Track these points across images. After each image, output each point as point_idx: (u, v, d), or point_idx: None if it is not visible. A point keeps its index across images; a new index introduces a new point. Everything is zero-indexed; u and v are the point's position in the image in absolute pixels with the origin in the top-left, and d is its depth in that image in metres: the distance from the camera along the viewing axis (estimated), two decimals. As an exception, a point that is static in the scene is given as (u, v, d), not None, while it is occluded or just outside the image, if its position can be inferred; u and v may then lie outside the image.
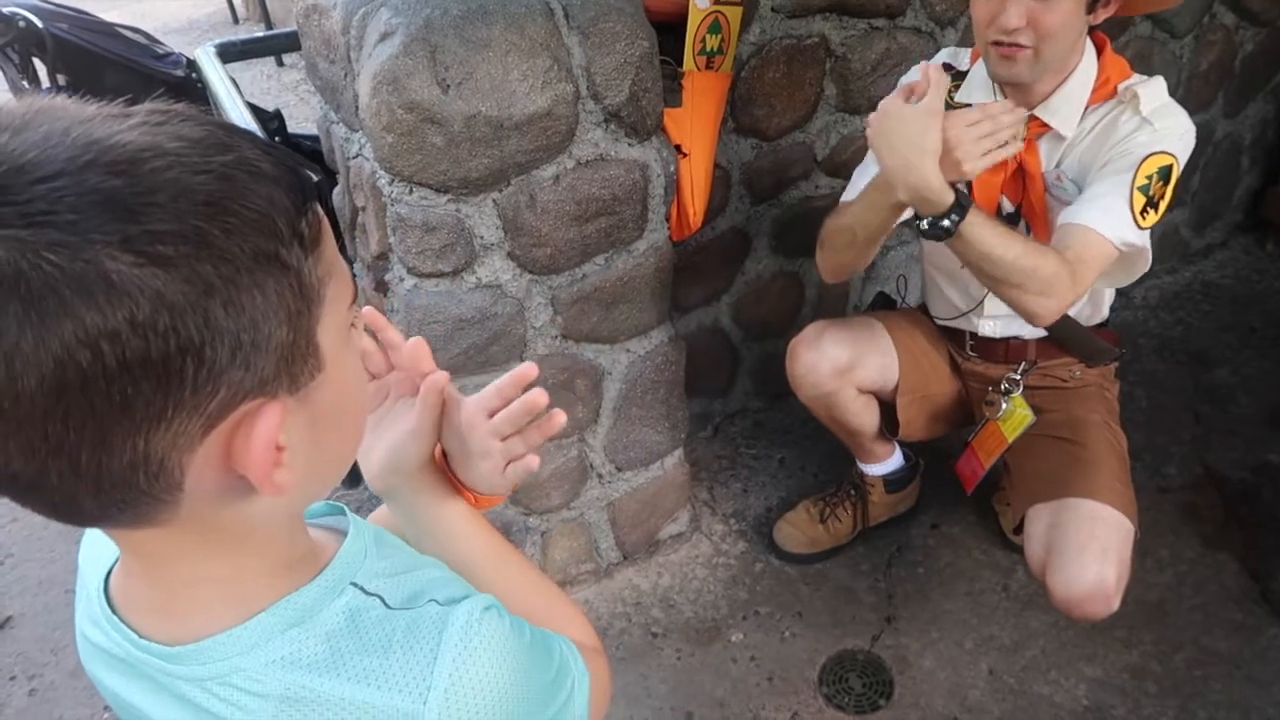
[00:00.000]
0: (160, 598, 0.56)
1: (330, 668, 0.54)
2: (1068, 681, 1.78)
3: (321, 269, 0.49)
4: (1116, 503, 1.51)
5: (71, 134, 0.42)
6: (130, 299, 0.40)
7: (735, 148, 2.04)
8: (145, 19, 5.67)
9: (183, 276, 0.41)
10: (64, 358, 0.40)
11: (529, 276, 1.62)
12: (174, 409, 0.43)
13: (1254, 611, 1.87)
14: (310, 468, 0.53)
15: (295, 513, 0.59)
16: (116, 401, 0.42)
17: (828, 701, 1.78)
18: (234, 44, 2.31)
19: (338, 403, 0.53)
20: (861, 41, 2.03)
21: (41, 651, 2.05)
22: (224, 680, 0.54)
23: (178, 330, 0.42)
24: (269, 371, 0.46)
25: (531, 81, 1.42)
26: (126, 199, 0.41)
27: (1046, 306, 1.39)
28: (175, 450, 0.45)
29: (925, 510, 2.15)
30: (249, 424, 0.47)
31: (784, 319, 2.37)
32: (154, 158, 0.42)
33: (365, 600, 0.58)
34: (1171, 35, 2.49)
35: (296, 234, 0.46)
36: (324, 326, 0.50)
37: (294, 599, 0.56)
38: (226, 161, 0.44)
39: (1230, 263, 2.97)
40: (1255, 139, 2.89)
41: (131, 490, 0.46)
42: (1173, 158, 1.39)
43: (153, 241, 0.41)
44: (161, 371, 0.42)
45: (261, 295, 0.44)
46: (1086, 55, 1.46)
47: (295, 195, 0.47)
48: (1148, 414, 2.36)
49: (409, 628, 0.57)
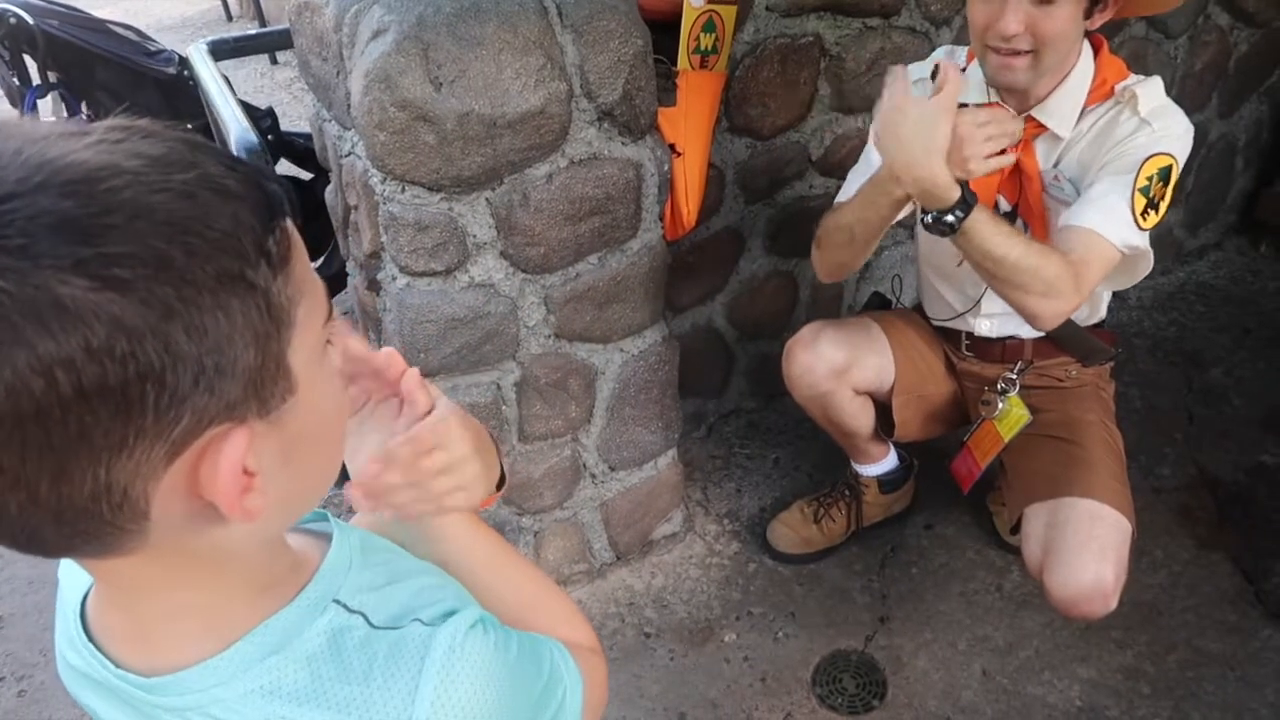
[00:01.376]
0: (135, 628, 0.55)
1: (310, 697, 0.53)
2: (1061, 682, 1.78)
3: (291, 288, 0.47)
4: (1115, 502, 1.51)
5: (24, 154, 0.40)
6: (85, 324, 0.39)
7: (729, 147, 2.03)
8: (138, 16, 5.65)
9: (140, 300, 0.40)
10: (16, 386, 0.38)
11: (522, 275, 1.61)
12: (135, 437, 0.42)
13: (1247, 613, 1.87)
14: (285, 492, 0.51)
15: (272, 536, 0.57)
16: (74, 430, 0.40)
17: (821, 702, 1.77)
18: (226, 41, 2.30)
19: (312, 425, 0.52)
20: (856, 41, 2.03)
21: (31, 652, 2.04)
22: (202, 711, 0.53)
23: (136, 356, 0.40)
24: (235, 396, 0.45)
25: (525, 80, 1.41)
26: (80, 221, 0.39)
27: (1050, 309, 1.39)
28: (139, 479, 0.44)
29: (919, 511, 2.15)
30: (215, 450, 0.45)
31: (778, 319, 2.36)
32: (110, 177, 0.41)
33: (348, 619, 0.56)
34: (1166, 35, 2.49)
35: (264, 253, 0.45)
36: (295, 348, 0.48)
37: (273, 623, 0.54)
38: (188, 179, 0.43)
39: (1224, 263, 2.97)
40: (1250, 140, 2.89)
41: (95, 521, 0.44)
42: (1172, 159, 1.39)
43: (108, 265, 0.39)
44: (120, 399, 0.40)
45: (226, 318, 0.43)
46: (1084, 56, 1.46)
47: (262, 212, 0.45)
48: (1141, 414, 2.36)
49: (391, 651, 0.55)
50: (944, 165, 1.30)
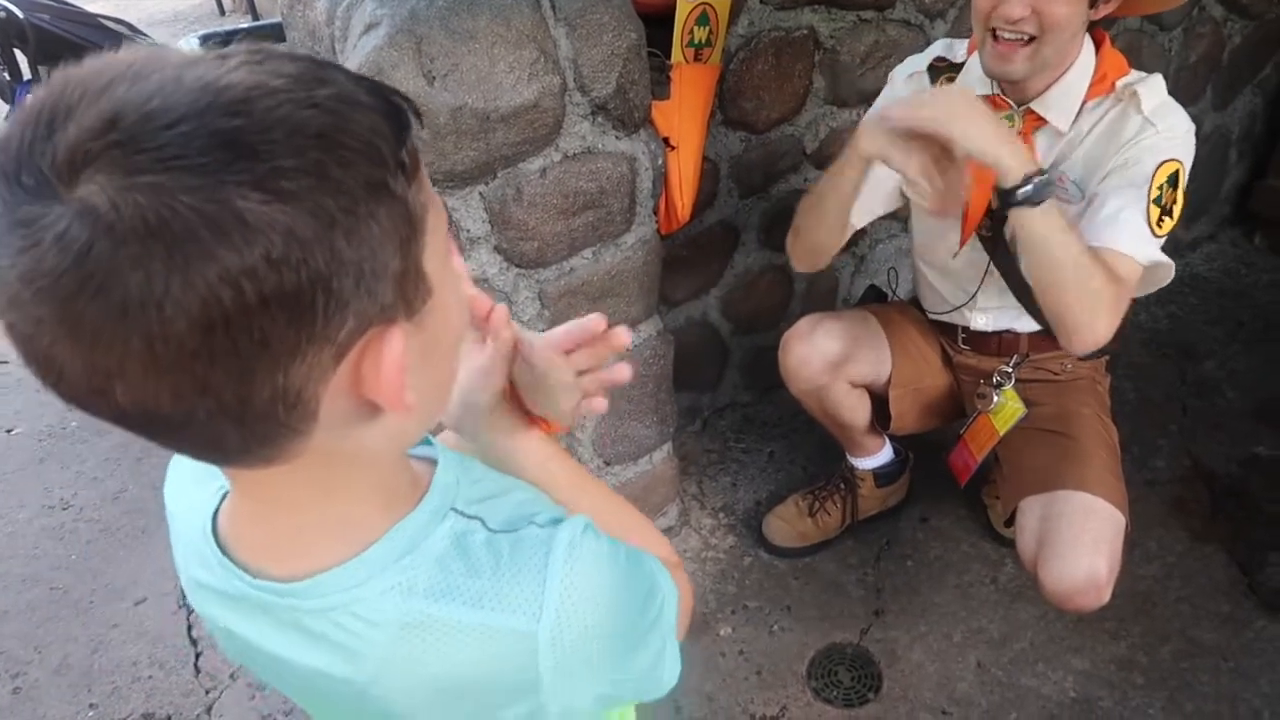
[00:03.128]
0: (275, 537, 0.58)
1: (445, 592, 0.56)
2: (1055, 674, 1.78)
3: (424, 196, 0.50)
4: (1108, 495, 1.51)
5: (185, 79, 0.42)
6: (264, 236, 0.41)
7: (724, 140, 2.03)
8: (129, 10, 5.62)
9: (308, 210, 0.42)
10: (209, 299, 0.41)
11: (516, 270, 1.61)
12: (308, 341, 0.45)
13: (1241, 604, 1.88)
14: (424, 391, 0.54)
15: (407, 441, 0.60)
16: (257, 337, 0.43)
17: (816, 695, 1.78)
18: (218, 35, 2.30)
19: (444, 326, 0.55)
20: (850, 34, 2.03)
21: (25, 649, 2.03)
22: (346, 609, 0.56)
23: (308, 263, 0.42)
24: (388, 298, 0.48)
25: (518, 73, 1.40)
26: (249, 138, 0.41)
27: (1091, 323, 1.34)
28: (311, 381, 0.46)
29: (914, 504, 2.15)
30: (375, 349, 0.48)
31: (773, 313, 2.36)
32: (264, 96, 0.43)
33: (467, 524, 0.60)
34: (1161, 28, 2.49)
35: (399, 163, 0.47)
36: (428, 253, 0.51)
37: (402, 527, 0.58)
38: (329, 95, 0.45)
39: (1218, 256, 2.98)
40: (1244, 133, 2.90)
41: (272, 423, 0.47)
42: (1179, 163, 1.39)
43: (277, 178, 0.41)
44: (295, 305, 0.43)
45: (377, 225, 0.45)
46: (1085, 49, 1.45)
47: (394, 123, 0.47)
48: (1135, 407, 2.36)
49: (514, 549, 0.59)
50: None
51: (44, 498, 2.49)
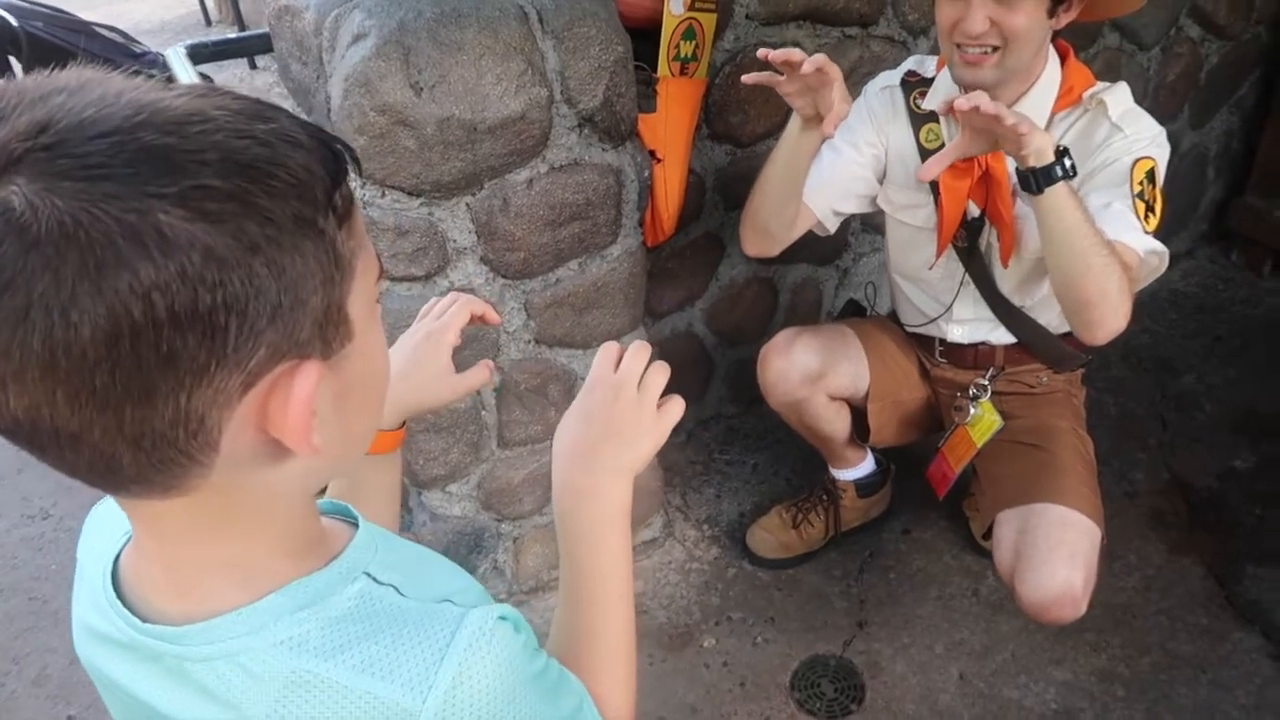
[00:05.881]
0: (173, 578, 0.56)
1: (334, 653, 0.54)
2: (1037, 685, 1.79)
3: (353, 241, 0.51)
4: (1084, 508, 1.52)
5: (124, 97, 0.43)
6: (183, 252, 0.41)
7: (709, 154, 2.04)
8: (117, 20, 5.59)
9: (230, 232, 0.43)
10: (118, 308, 0.41)
11: (502, 281, 1.61)
12: (216, 365, 0.44)
13: (1219, 616, 1.90)
14: (334, 438, 0.53)
15: (314, 487, 0.59)
16: (163, 353, 0.42)
17: (800, 707, 1.78)
18: (206, 45, 2.28)
19: (363, 374, 0.55)
20: (835, 50, 2.05)
21: (3, 660, 2.01)
22: (231, 659, 0.54)
23: (224, 284, 0.43)
24: (305, 334, 0.48)
25: (505, 85, 1.41)
26: (180, 156, 0.42)
27: (1116, 310, 1.34)
28: (215, 408, 0.46)
29: (897, 515, 2.16)
30: (285, 384, 0.48)
31: (758, 325, 2.37)
32: (201, 121, 0.44)
33: (379, 589, 0.58)
34: (1139, 47, 2.53)
35: (331, 204, 0.48)
36: (353, 298, 0.51)
37: (308, 581, 0.56)
38: (267, 130, 0.46)
39: (1196, 272, 3.01)
40: (1220, 150, 2.94)
41: (171, 448, 0.46)
42: (1152, 160, 1.41)
43: (202, 198, 0.42)
44: (206, 325, 0.43)
45: (300, 259, 0.46)
46: (1050, 62, 1.48)
47: (330, 166, 0.48)
48: (1114, 420, 2.39)
49: (420, 621, 0.56)
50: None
51: (23, 507, 2.47)
